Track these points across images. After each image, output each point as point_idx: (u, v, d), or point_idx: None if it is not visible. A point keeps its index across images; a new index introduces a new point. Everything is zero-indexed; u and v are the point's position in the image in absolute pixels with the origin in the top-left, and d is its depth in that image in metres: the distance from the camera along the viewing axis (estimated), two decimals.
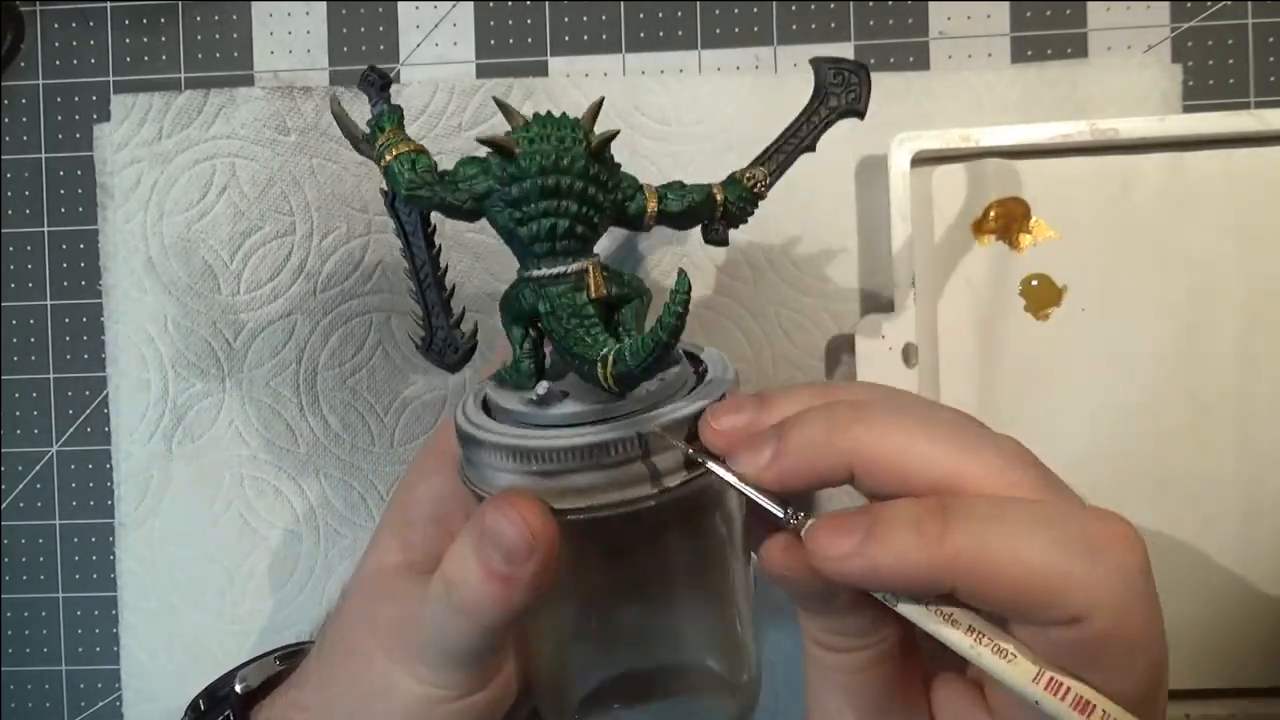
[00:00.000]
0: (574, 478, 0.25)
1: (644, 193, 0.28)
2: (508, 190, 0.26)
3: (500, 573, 0.26)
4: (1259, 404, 0.38)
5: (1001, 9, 0.41)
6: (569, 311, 0.26)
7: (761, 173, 0.29)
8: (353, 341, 0.42)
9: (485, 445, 0.26)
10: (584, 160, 0.25)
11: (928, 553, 0.20)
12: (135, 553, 0.43)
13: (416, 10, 0.43)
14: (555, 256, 0.26)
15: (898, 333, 0.38)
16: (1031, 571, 0.20)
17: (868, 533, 0.21)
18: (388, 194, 0.28)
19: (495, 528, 0.25)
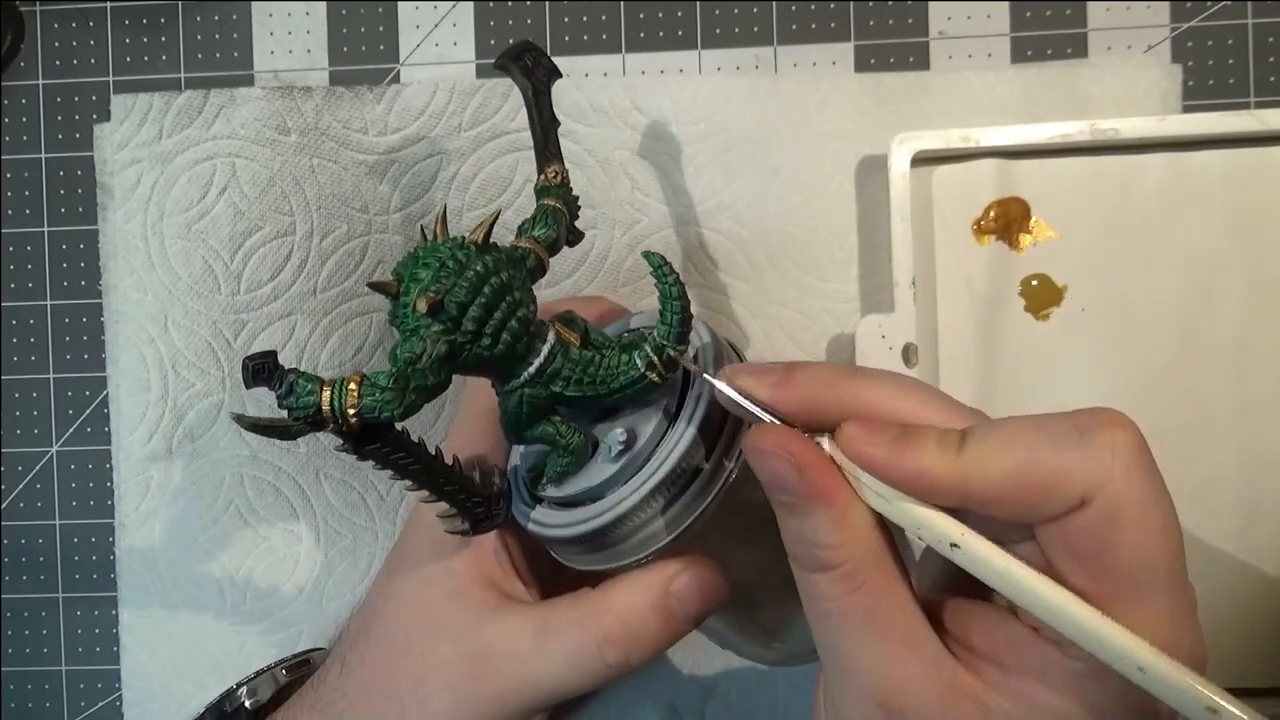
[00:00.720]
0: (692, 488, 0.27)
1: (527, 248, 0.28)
2: (463, 331, 0.25)
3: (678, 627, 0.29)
4: (1258, 404, 0.38)
5: (1001, 9, 0.41)
6: (581, 368, 0.27)
7: (556, 166, 0.31)
8: (353, 341, 0.42)
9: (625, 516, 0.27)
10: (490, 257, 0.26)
11: (946, 463, 0.22)
12: (135, 553, 0.43)
13: (416, 10, 0.43)
14: (532, 344, 0.27)
15: (898, 333, 0.38)
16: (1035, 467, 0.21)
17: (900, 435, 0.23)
18: (345, 444, 0.26)
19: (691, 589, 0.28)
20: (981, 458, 0.22)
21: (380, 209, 0.42)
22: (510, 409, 0.27)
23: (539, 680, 0.29)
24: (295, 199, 0.42)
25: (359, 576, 0.43)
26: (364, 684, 0.31)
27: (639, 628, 0.28)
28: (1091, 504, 0.21)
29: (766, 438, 0.24)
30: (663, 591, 0.28)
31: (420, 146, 0.42)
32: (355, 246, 0.42)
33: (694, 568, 0.28)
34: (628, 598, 0.29)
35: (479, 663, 0.29)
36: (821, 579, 0.23)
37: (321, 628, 0.42)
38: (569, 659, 0.29)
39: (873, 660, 0.23)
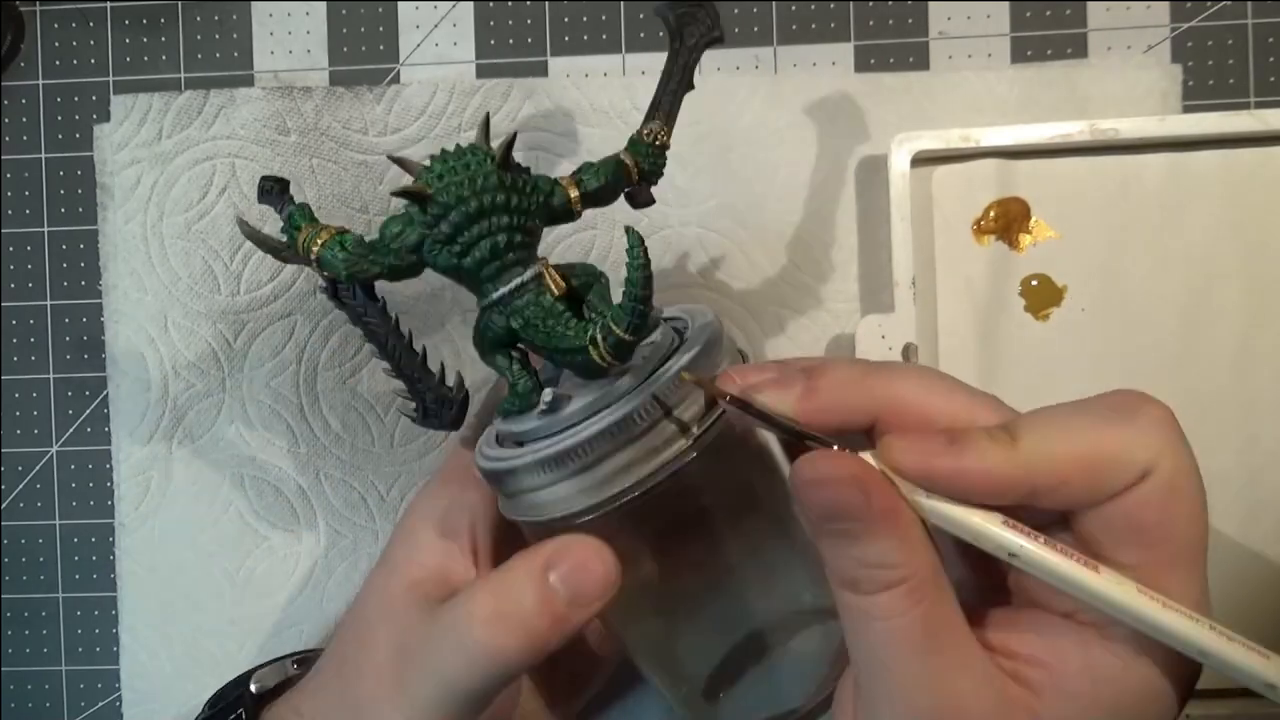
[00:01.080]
0: (613, 460, 0.26)
1: (561, 185, 0.29)
2: (438, 231, 0.26)
3: (559, 612, 0.26)
4: (1259, 403, 0.38)
5: (1001, 9, 0.41)
6: (542, 316, 0.27)
7: (657, 125, 0.30)
8: (353, 341, 0.42)
9: (518, 470, 0.26)
10: (495, 175, 0.27)
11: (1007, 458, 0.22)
12: (135, 553, 0.43)
13: (416, 10, 0.43)
14: (506, 271, 0.27)
15: (898, 333, 0.38)
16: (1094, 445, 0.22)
17: (951, 441, 0.22)
18: (325, 286, 0.28)
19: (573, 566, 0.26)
20: (1041, 447, 0.22)
21: (380, 209, 0.42)
22: (476, 325, 0.28)
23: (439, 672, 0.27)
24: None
25: (359, 576, 0.43)
26: (329, 665, 0.31)
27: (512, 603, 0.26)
28: (1153, 475, 0.21)
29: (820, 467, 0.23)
30: (540, 565, 0.26)
31: (420, 146, 0.42)
32: None
33: (578, 546, 0.26)
34: (507, 568, 0.27)
35: (404, 654, 0.28)
36: (884, 598, 0.23)
37: (321, 628, 0.42)
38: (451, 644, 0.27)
39: (928, 676, 0.22)
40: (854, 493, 0.22)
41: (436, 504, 0.32)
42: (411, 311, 0.42)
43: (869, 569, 0.23)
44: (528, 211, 0.27)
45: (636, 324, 0.25)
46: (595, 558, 0.26)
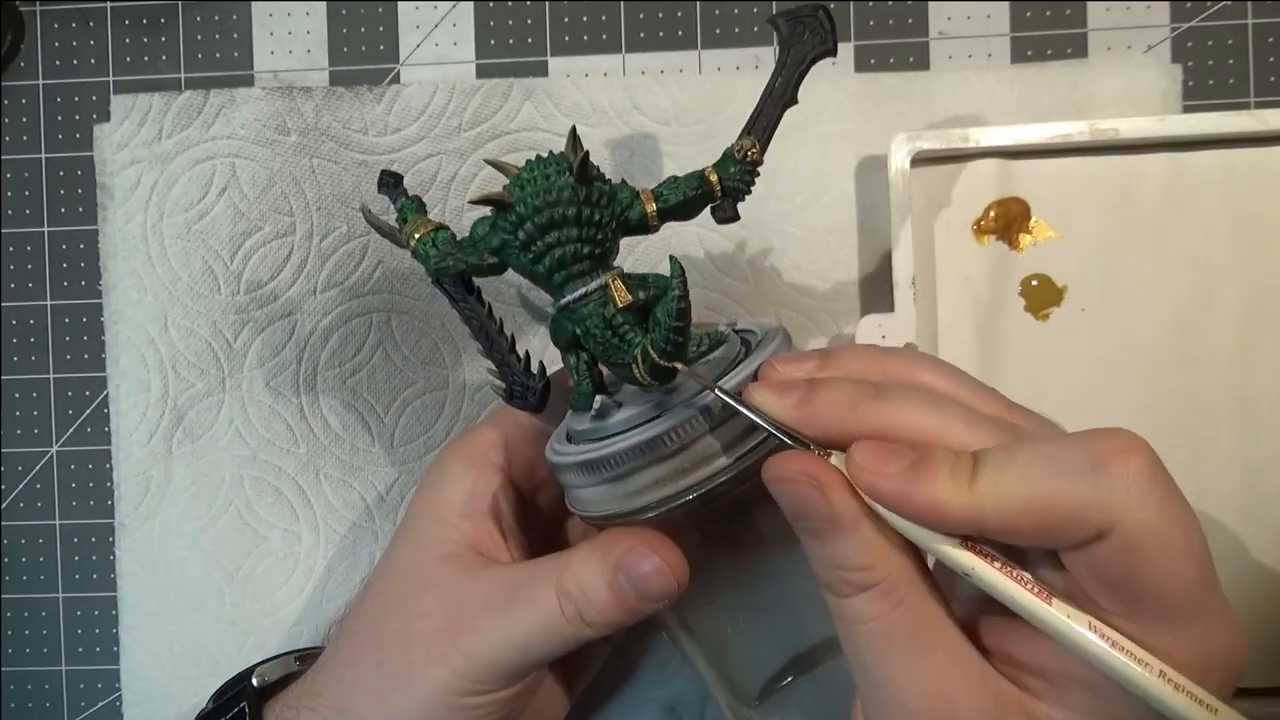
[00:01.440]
0: (644, 475, 0.27)
1: (640, 198, 0.29)
2: (515, 237, 0.28)
3: (630, 604, 0.28)
4: (1258, 403, 0.38)
5: (1001, 9, 0.41)
6: (600, 326, 0.28)
7: (749, 141, 0.29)
8: (353, 341, 0.42)
9: (561, 467, 0.28)
10: (570, 189, 0.27)
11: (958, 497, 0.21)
12: (135, 553, 0.43)
13: (416, 10, 0.43)
14: (574, 280, 0.28)
15: (898, 333, 0.38)
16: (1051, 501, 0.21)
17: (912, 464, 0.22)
18: (430, 274, 0.31)
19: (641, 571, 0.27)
20: (995, 490, 0.21)
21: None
22: (550, 323, 0.30)
23: (509, 633, 0.29)
24: (295, 199, 0.42)
25: (359, 576, 0.43)
26: (353, 642, 0.32)
27: (591, 593, 0.28)
28: (1110, 536, 0.21)
29: (787, 465, 0.23)
30: (611, 564, 0.28)
31: (420, 146, 0.42)
32: (355, 246, 0.42)
33: (642, 549, 0.28)
34: (581, 561, 0.28)
35: (458, 617, 0.29)
36: (859, 600, 0.23)
37: (321, 628, 0.42)
38: (535, 611, 0.28)
39: (917, 678, 0.23)
40: (814, 493, 0.23)
41: (461, 486, 0.32)
42: (411, 311, 0.42)
43: (840, 571, 0.23)
44: (600, 224, 0.28)
45: (671, 351, 0.25)
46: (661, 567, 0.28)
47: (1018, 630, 0.23)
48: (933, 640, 0.23)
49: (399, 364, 0.42)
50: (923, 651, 0.23)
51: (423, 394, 0.42)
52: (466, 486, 0.32)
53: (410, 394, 0.42)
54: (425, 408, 0.42)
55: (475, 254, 0.29)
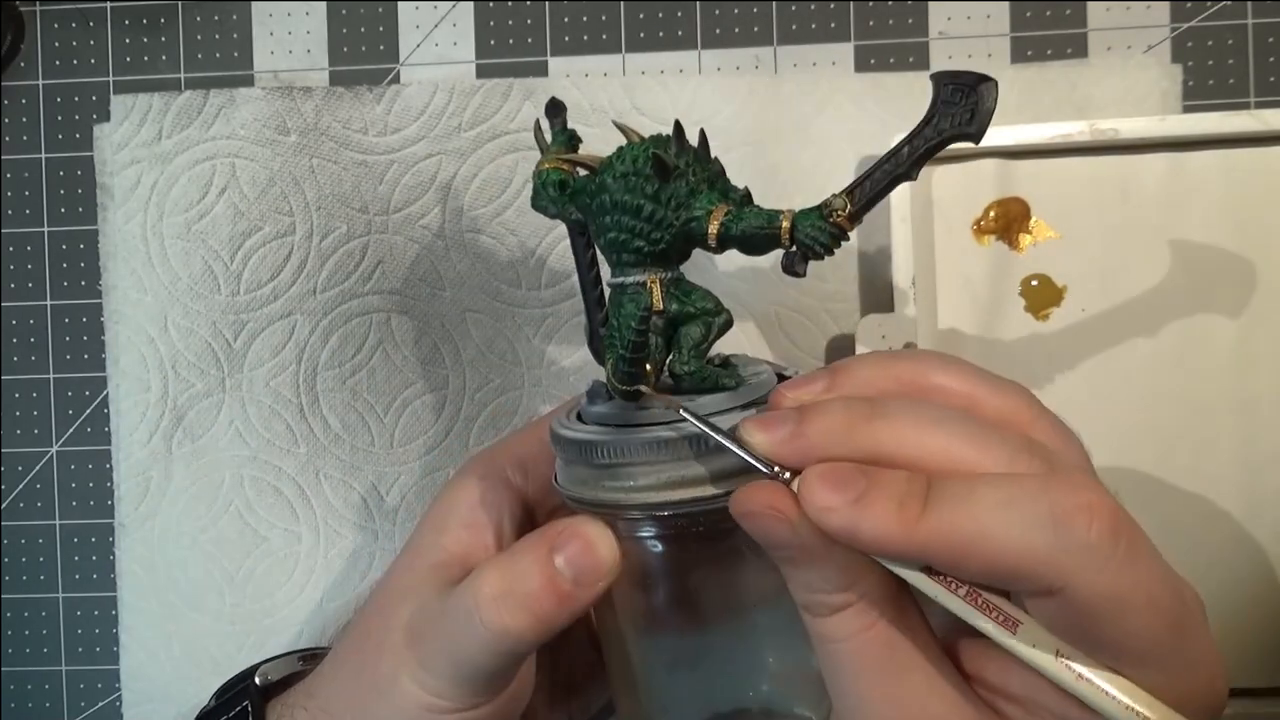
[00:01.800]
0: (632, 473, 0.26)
1: (712, 214, 0.27)
2: (590, 204, 0.28)
3: (564, 589, 0.27)
4: (1258, 404, 0.38)
5: (1001, 9, 0.41)
6: (620, 319, 0.27)
7: (840, 201, 0.27)
8: (353, 341, 0.42)
9: (557, 436, 0.28)
10: (644, 179, 0.27)
11: (905, 531, 0.21)
12: (135, 553, 0.43)
13: (416, 10, 0.43)
14: (622, 268, 0.28)
15: (898, 333, 0.38)
16: (1001, 551, 0.20)
17: (859, 496, 0.21)
18: None
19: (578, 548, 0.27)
20: (943, 528, 0.21)
21: (380, 209, 0.42)
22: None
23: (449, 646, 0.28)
24: (295, 199, 0.42)
25: (359, 576, 0.43)
26: (348, 644, 0.32)
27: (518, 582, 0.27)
28: (1061, 595, 0.20)
29: (751, 499, 0.23)
30: (546, 546, 0.27)
31: (420, 146, 0.42)
32: (355, 247, 0.42)
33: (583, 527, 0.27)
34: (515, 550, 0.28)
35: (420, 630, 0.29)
36: (835, 621, 0.23)
37: (321, 628, 0.42)
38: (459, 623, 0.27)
39: (893, 699, 0.22)
40: (780, 525, 0.22)
41: (468, 495, 0.32)
42: (411, 311, 0.42)
43: (815, 594, 0.23)
44: (660, 224, 0.27)
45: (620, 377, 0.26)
46: (600, 539, 0.27)
47: (992, 655, 0.23)
48: (909, 661, 0.23)
49: (399, 364, 0.42)
50: (899, 672, 0.23)
51: (423, 394, 0.42)
52: (474, 496, 0.32)
53: (410, 394, 0.42)
54: (425, 408, 0.42)
55: (565, 206, 0.29)
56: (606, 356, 0.27)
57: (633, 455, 0.26)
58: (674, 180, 0.27)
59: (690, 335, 0.28)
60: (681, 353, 0.27)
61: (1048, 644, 0.21)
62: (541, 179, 0.29)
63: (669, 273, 0.28)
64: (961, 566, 0.21)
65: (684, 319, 0.28)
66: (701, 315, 0.28)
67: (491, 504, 0.32)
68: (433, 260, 0.42)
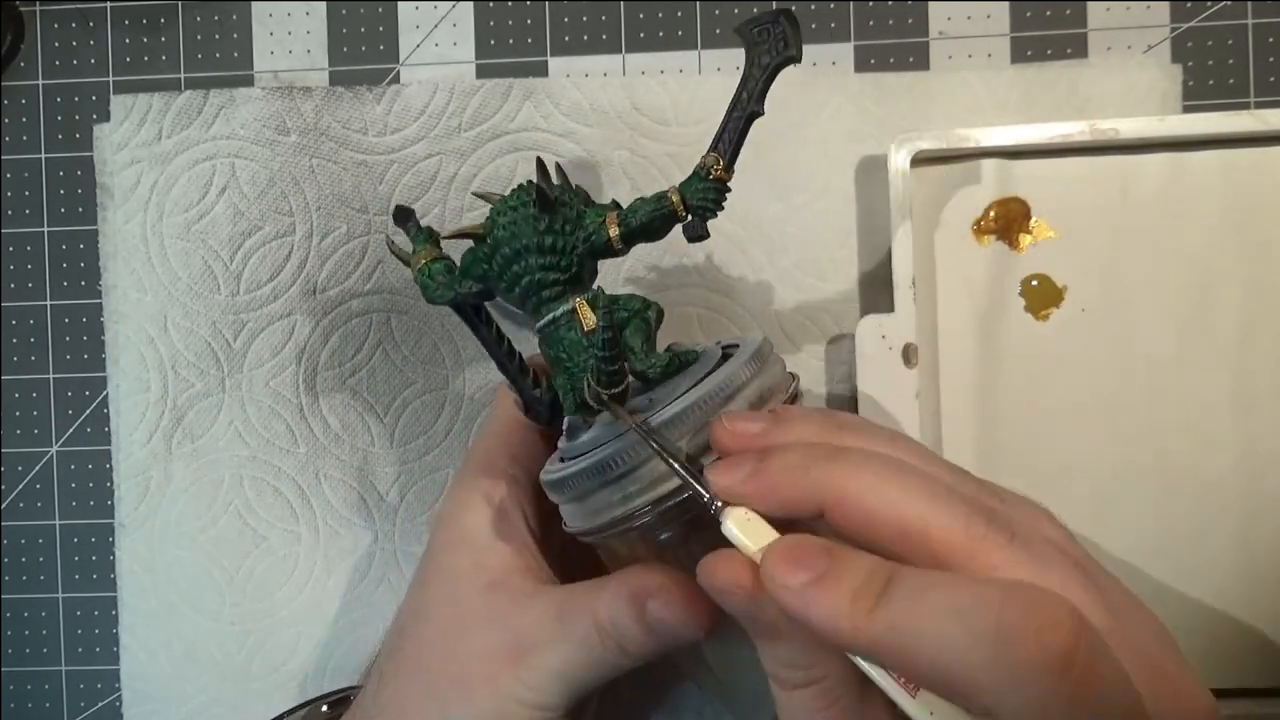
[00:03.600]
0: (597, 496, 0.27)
1: (605, 222, 0.29)
2: (490, 267, 0.29)
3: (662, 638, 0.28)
4: (1258, 404, 0.38)
5: (1001, 9, 0.41)
6: (571, 349, 0.29)
7: (712, 157, 0.29)
8: (353, 341, 0.42)
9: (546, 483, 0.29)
10: (532, 219, 0.28)
11: (852, 625, 0.21)
12: (135, 553, 0.43)
13: (416, 10, 0.43)
14: (546, 305, 0.29)
15: (898, 333, 0.38)
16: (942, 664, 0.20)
17: (818, 578, 0.21)
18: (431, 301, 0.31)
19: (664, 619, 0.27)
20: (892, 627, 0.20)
21: (380, 209, 0.42)
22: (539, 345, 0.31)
23: (563, 666, 0.29)
24: (295, 199, 0.42)
25: (359, 576, 0.43)
26: (402, 692, 0.31)
27: (624, 628, 0.28)
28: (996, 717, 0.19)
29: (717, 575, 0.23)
30: (639, 603, 0.28)
31: (420, 146, 0.42)
32: (355, 246, 0.42)
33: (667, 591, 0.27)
34: (610, 598, 0.28)
35: (515, 652, 0.29)
36: (798, 696, 0.23)
37: (321, 628, 0.42)
38: (580, 645, 0.28)
39: None
40: (747, 604, 0.23)
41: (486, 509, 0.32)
42: (411, 311, 0.42)
43: (780, 667, 0.23)
44: (563, 251, 0.29)
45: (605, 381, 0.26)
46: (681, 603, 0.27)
47: None
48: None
49: (399, 364, 0.42)
50: None
51: (423, 394, 0.42)
52: (495, 508, 0.32)
53: (410, 394, 0.42)
54: (425, 408, 0.42)
55: (462, 284, 0.30)
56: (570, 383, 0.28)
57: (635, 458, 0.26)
58: (559, 208, 0.29)
59: (635, 337, 0.29)
60: (637, 353, 0.28)
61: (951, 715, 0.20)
62: (426, 274, 0.30)
63: (588, 292, 0.29)
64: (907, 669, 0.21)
65: (625, 323, 0.29)
66: (635, 315, 0.29)
67: (512, 509, 0.32)
68: None
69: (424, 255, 0.30)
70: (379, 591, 0.42)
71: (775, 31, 0.28)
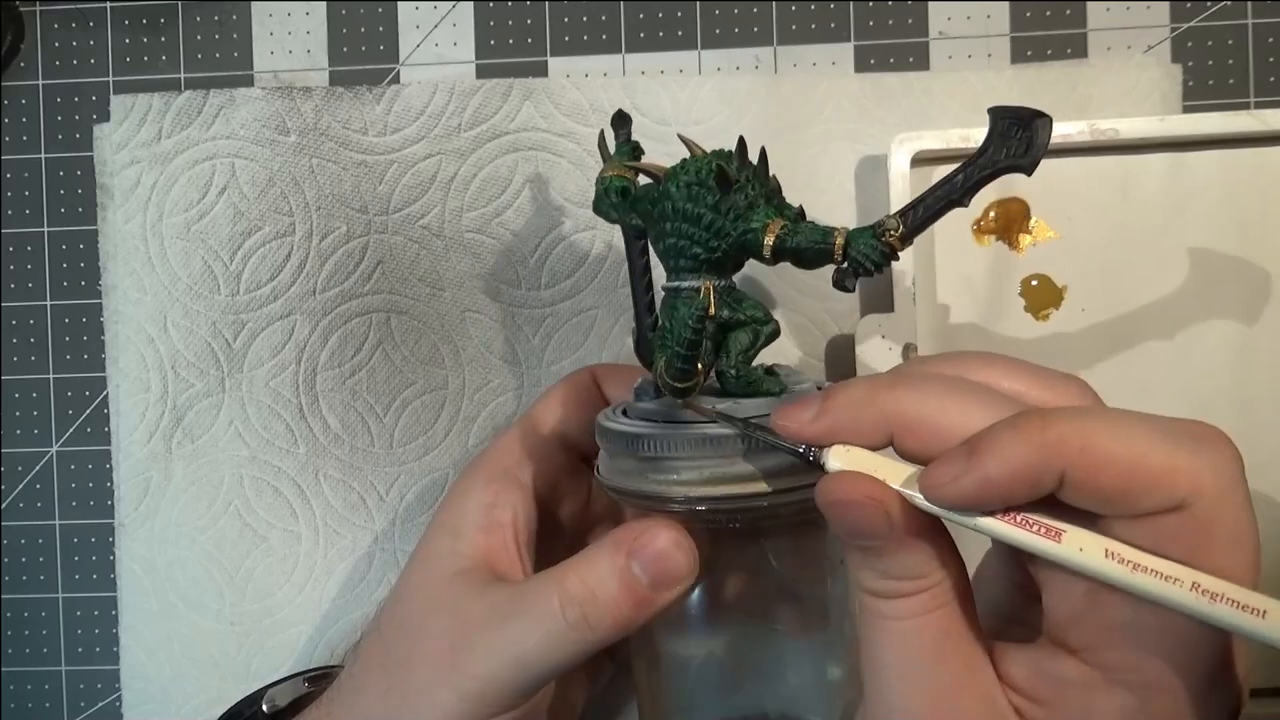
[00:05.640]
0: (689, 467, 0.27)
1: (768, 226, 0.28)
2: (651, 211, 0.29)
3: (641, 594, 0.27)
4: (1258, 404, 0.38)
5: (1001, 9, 0.41)
6: (675, 320, 0.28)
7: (894, 221, 0.27)
8: (353, 341, 0.42)
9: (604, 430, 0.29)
10: (705, 190, 0.28)
11: (1034, 443, 0.21)
12: (135, 553, 0.43)
13: (416, 10, 0.43)
14: (678, 273, 0.29)
15: (898, 333, 0.38)
16: (1139, 456, 0.20)
17: (971, 451, 0.21)
18: None
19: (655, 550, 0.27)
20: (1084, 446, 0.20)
21: (380, 209, 0.42)
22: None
23: (509, 648, 0.28)
24: (295, 199, 0.42)
25: (358, 576, 0.43)
26: (364, 667, 0.31)
27: (600, 589, 0.27)
28: (1189, 509, 0.20)
29: (847, 488, 0.23)
30: (623, 552, 0.27)
31: (420, 146, 0.42)
32: (355, 247, 0.42)
33: (662, 534, 0.27)
34: (592, 555, 0.28)
35: (463, 637, 0.29)
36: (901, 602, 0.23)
37: (321, 628, 0.42)
38: (536, 621, 0.28)
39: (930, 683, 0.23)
40: (877, 515, 0.22)
41: (479, 499, 0.32)
42: (411, 311, 0.42)
43: (893, 580, 0.23)
44: (719, 233, 0.28)
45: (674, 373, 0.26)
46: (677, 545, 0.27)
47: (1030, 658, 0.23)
48: (957, 649, 0.23)
49: (399, 364, 0.42)
50: (945, 656, 0.23)
51: (422, 394, 0.42)
52: (486, 499, 0.32)
53: (410, 394, 0.42)
54: (425, 408, 0.42)
55: (628, 210, 0.30)
56: (658, 356, 0.27)
57: (677, 450, 0.27)
58: (734, 193, 0.28)
59: (739, 341, 0.29)
60: (730, 356, 0.28)
61: (1095, 545, 0.21)
62: (605, 185, 0.30)
63: (722, 280, 0.29)
64: (1096, 474, 0.20)
65: (734, 325, 0.29)
66: (750, 323, 0.29)
67: (505, 504, 0.32)
68: (433, 260, 0.42)
69: (614, 168, 0.31)
70: (379, 591, 0.42)
71: (1024, 133, 0.26)
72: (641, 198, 0.30)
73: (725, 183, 0.28)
